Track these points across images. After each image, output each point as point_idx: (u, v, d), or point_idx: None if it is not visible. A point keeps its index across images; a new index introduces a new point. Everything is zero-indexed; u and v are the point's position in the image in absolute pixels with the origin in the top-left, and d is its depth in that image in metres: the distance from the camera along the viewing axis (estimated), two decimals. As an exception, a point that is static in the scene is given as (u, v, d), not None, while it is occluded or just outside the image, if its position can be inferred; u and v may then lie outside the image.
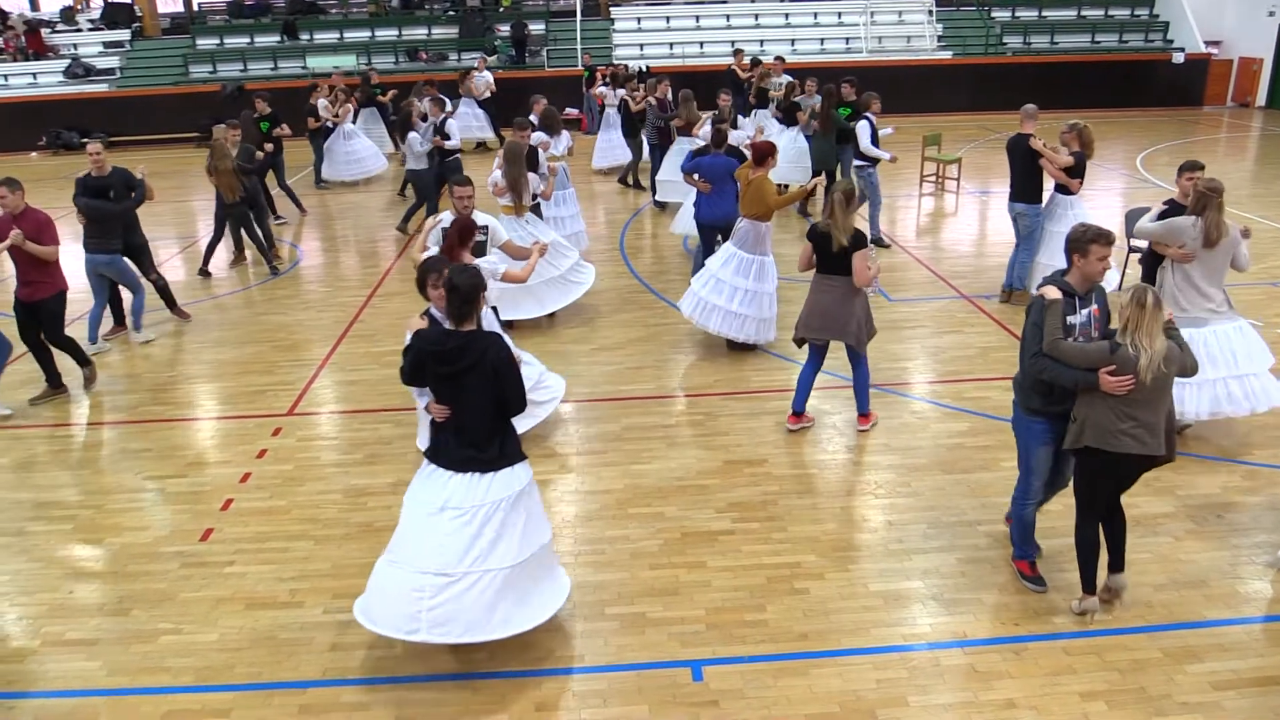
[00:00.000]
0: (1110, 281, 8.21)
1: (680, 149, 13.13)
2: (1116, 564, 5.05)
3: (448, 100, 14.32)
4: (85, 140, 21.72)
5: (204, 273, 11.65)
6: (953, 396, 7.67)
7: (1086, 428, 4.70)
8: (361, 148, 16.50)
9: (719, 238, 9.18)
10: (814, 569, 5.52)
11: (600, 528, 6.00)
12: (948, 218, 13.75)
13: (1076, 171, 8.92)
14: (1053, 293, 4.81)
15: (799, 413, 7.18)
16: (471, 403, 4.58)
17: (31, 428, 7.72)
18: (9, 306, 8.34)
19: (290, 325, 9.90)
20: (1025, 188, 9.32)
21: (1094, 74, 22.87)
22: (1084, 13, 24.47)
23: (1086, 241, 4.76)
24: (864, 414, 7.17)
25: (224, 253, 12.19)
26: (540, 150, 9.56)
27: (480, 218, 7.05)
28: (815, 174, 12.34)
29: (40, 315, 7.91)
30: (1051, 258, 9.17)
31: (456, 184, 6.95)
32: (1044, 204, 9.32)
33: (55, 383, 8.22)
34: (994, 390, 7.71)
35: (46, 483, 6.85)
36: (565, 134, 10.67)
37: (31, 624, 5.29)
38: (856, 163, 11.43)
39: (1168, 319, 4.65)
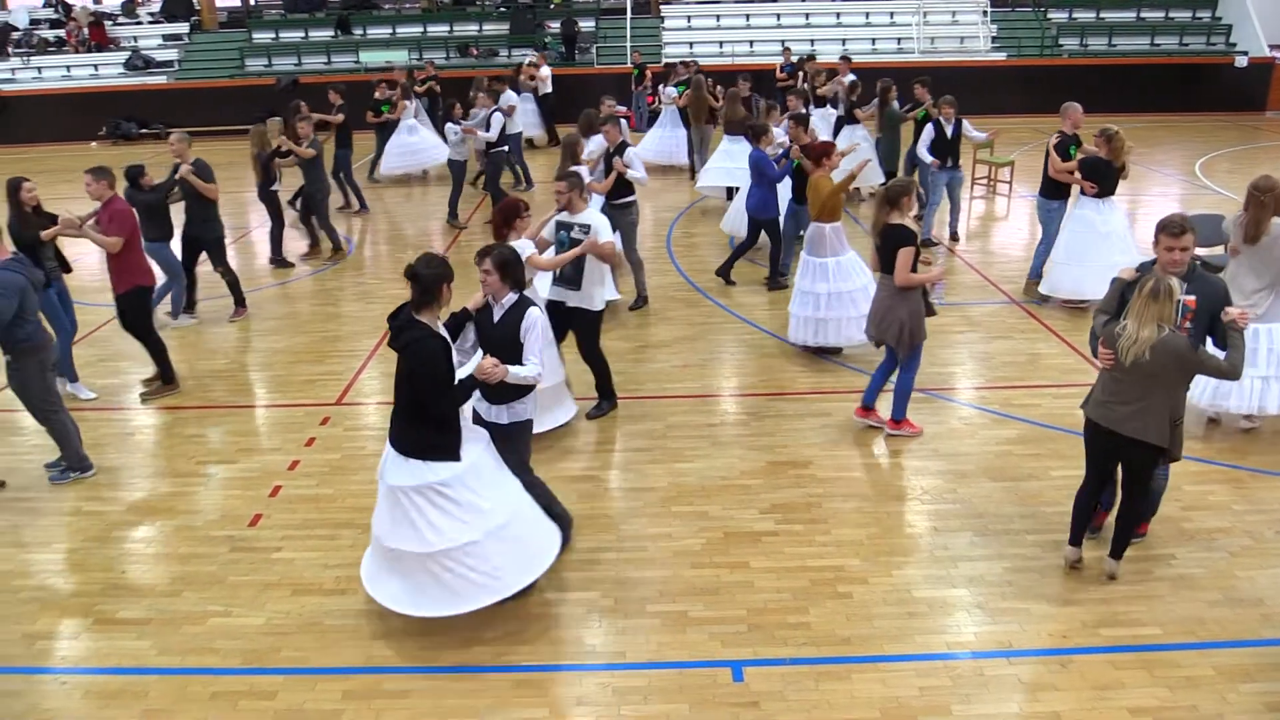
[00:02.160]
0: None
1: (725, 148, 13.11)
2: (1113, 549, 5.32)
3: (512, 94, 14.50)
4: (144, 130, 22.38)
5: (275, 261, 11.93)
6: (1001, 403, 7.56)
7: (1091, 393, 5.13)
8: (419, 140, 16.40)
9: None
10: (857, 573, 5.47)
11: (643, 525, 6.00)
12: (999, 221, 13.56)
13: (1092, 175, 8.93)
14: (1125, 273, 5.15)
15: (867, 407, 7.14)
16: (401, 385, 4.79)
17: (90, 410, 7.89)
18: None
19: (340, 316, 10.03)
20: (1043, 182, 9.75)
21: (1153, 77, 22.39)
22: (1143, 14, 23.99)
23: (1156, 231, 5.04)
24: (896, 419, 7.01)
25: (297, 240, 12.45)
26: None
27: (585, 217, 7.01)
28: (885, 175, 12.57)
29: (120, 307, 7.98)
30: (1067, 257, 9.16)
31: (557, 179, 7.16)
32: (1069, 203, 9.34)
33: (168, 378, 8.19)
34: (1044, 398, 7.59)
35: (103, 464, 6.99)
36: (597, 137, 10.67)
37: (85, 601, 5.42)
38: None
39: (1235, 319, 4.77)
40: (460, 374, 4.83)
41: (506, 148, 13.70)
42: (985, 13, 23.43)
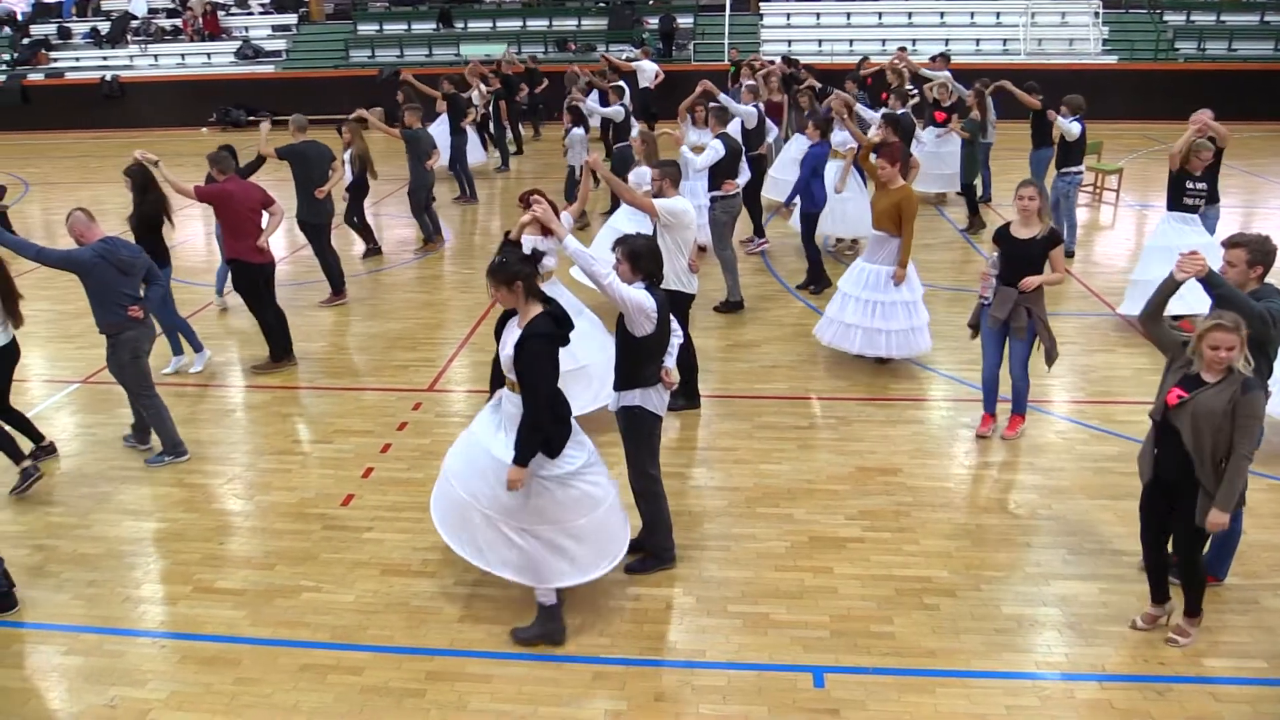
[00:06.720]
0: None
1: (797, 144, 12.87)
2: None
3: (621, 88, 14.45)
4: (254, 118, 23.11)
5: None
6: (1101, 418, 7.31)
7: None
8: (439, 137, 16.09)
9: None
10: (945, 585, 5.35)
11: (727, 524, 5.97)
12: (1104, 230, 13.12)
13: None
14: None
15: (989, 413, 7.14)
16: None
17: (193, 386, 8.21)
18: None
19: (434, 304, 10.22)
20: None
21: (1275, 84, 21.33)
22: (1268, 18, 22.87)
23: None
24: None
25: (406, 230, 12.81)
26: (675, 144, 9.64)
27: (670, 202, 7.24)
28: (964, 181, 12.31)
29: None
30: (1141, 273, 8.75)
31: (651, 166, 7.76)
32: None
33: (278, 353, 8.52)
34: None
35: (205, 438, 7.26)
36: (705, 129, 10.64)
37: (185, 570, 5.63)
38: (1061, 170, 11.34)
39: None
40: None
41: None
42: (1097, 14, 22.63)
